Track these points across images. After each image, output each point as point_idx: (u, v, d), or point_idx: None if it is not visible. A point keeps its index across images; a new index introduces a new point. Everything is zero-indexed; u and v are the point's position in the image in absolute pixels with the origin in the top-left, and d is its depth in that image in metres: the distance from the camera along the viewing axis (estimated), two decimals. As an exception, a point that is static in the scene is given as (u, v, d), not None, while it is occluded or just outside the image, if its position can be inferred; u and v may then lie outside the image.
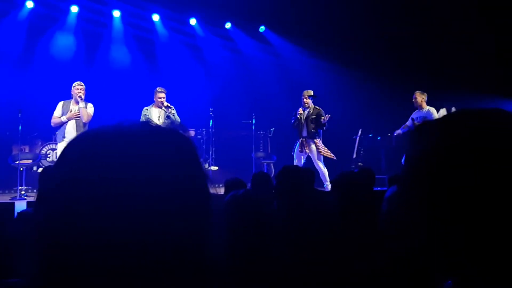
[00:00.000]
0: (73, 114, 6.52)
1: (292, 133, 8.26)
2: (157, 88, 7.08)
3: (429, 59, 9.70)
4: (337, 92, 9.70)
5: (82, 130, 6.44)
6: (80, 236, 0.52)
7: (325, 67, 9.94)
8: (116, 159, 0.55)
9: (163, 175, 0.55)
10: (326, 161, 7.63)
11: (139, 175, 0.54)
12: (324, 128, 7.54)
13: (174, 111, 6.94)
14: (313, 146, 7.51)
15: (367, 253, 1.94)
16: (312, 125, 7.49)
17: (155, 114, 6.98)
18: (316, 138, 7.52)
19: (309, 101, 7.62)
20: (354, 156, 9.32)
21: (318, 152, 7.45)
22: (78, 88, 6.59)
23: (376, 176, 4.77)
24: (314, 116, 7.51)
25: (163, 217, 0.54)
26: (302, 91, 7.89)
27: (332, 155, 7.53)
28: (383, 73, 9.75)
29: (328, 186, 6.99)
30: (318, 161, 7.48)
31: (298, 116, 7.62)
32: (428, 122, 0.69)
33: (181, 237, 0.56)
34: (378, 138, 9.61)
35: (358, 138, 9.40)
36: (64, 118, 6.54)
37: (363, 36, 9.85)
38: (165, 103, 6.94)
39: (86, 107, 6.59)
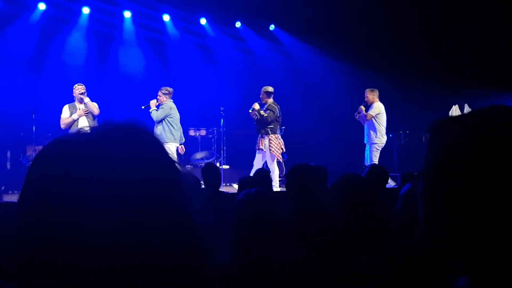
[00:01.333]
0: (82, 111, 6.79)
1: (304, 131, 8.24)
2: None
3: (439, 56, 9.60)
4: (348, 90, 9.64)
5: (93, 125, 6.56)
6: (54, 239, 0.54)
7: (335, 65, 9.89)
8: (79, 163, 0.56)
9: (125, 173, 0.56)
10: (337, 161, 7.53)
11: (101, 176, 0.55)
12: (270, 126, 7.29)
13: (152, 108, 7.13)
14: (266, 142, 7.38)
15: (378, 252, 1.93)
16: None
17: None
18: (269, 135, 7.33)
19: (266, 97, 7.47)
20: (366, 154, 9.25)
21: (269, 150, 7.32)
22: (78, 88, 6.87)
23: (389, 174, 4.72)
24: (266, 112, 7.34)
25: (129, 215, 0.55)
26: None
27: (280, 156, 7.31)
28: (394, 71, 9.67)
29: (276, 186, 6.84)
30: (268, 158, 7.32)
31: (250, 110, 7.49)
32: (451, 118, 0.68)
33: (152, 234, 0.56)
34: (390, 135, 9.54)
35: (370, 136, 9.32)
36: (75, 116, 6.80)
37: (374, 34, 9.78)
38: (153, 102, 7.14)
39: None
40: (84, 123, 6.75)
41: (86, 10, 9.34)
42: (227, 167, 9.00)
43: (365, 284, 1.77)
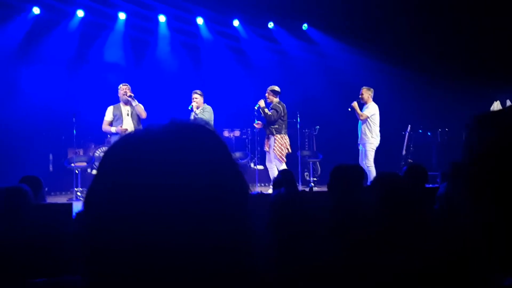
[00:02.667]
0: (121, 129, 6.62)
1: (338, 130, 8.15)
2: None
3: (479, 52, 9.30)
4: (384, 88, 9.48)
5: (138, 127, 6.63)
6: (119, 239, 0.54)
7: (370, 63, 9.75)
8: (146, 164, 0.56)
9: (193, 174, 0.56)
10: (375, 160, 7.42)
11: (169, 178, 0.55)
12: (274, 125, 7.17)
13: (198, 111, 7.07)
14: (271, 142, 7.27)
15: (417, 251, 1.90)
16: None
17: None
18: (275, 135, 7.21)
19: (272, 96, 7.37)
20: (404, 152, 9.09)
21: (274, 151, 7.19)
22: (123, 88, 6.77)
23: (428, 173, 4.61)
24: (270, 111, 7.22)
25: (199, 217, 0.55)
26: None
27: (283, 158, 7.17)
28: (432, 68, 9.45)
29: (270, 189, 6.66)
30: (274, 159, 7.20)
31: (255, 107, 7.41)
32: (491, 113, 0.66)
33: (219, 236, 0.56)
34: (429, 133, 9.33)
35: (407, 134, 9.16)
36: (113, 129, 6.71)
37: (410, 30, 9.59)
38: (194, 104, 7.11)
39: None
40: (129, 127, 6.64)
41: (122, 16, 9.58)
42: (261, 167, 9.02)
43: (404, 283, 1.74)
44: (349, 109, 7.39)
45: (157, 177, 0.55)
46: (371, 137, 7.29)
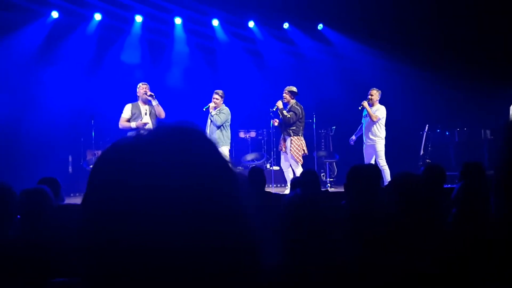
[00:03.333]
0: (141, 123, 6.67)
1: (354, 131, 8.11)
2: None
3: (497, 52, 9.15)
4: (401, 87, 9.40)
5: None
6: (111, 238, 0.56)
7: (386, 63, 9.68)
8: (136, 166, 0.58)
9: (181, 174, 0.57)
10: (392, 159, 7.37)
11: (159, 179, 0.56)
12: (292, 127, 7.14)
13: (214, 112, 7.09)
14: (288, 144, 7.23)
15: (435, 251, 1.88)
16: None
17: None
18: (292, 136, 7.18)
19: (289, 97, 7.34)
20: (421, 152, 8.99)
21: (290, 152, 7.16)
22: (142, 87, 6.81)
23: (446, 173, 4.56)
24: (288, 113, 7.19)
25: (190, 217, 0.56)
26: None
27: (300, 159, 7.14)
28: (449, 67, 9.33)
29: (287, 190, 6.62)
30: (291, 160, 7.17)
31: (273, 109, 7.38)
32: None
33: (211, 236, 0.56)
34: (447, 133, 9.21)
35: (425, 133, 9.06)
36: (133, 125, 6.70)
37: (426, 29, 9.49)
38: (211, 105, 7.12)
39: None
40: (147, 124, 6.67)
41: (139, 19, 9.69)
42: (277, 168, 9.02)
43: (421, 283, 1.73)
44: (359, 108, 7.39)
45: (146, 177, 0.57)
46: (380, 139, 7.31)
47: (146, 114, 6.78)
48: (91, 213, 0.59)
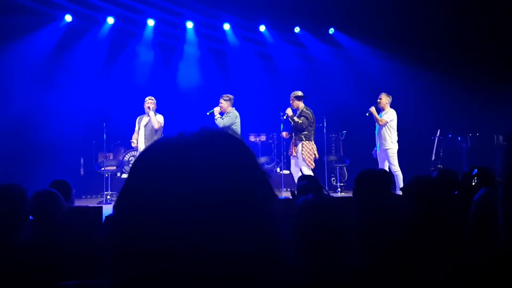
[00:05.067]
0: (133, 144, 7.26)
1: (366, 135, 8.07)
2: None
3: (510, 57, 9.05)
4: (413, 92, 9.34)
5: (153, 138, 6.86)
6: (147, 244, 0.55)
7: (398, 67, 9.62)
8: (177, 170, 0.57)
9: (222, 181, 0.57)
10: (404, 164, 7.31)
11: (199, 183, 0.56)
12: (304, 132, 7.11)
13: (217, 115, 7.15)
14: (299, 149, 7.19)
15: (451, 257, 1.85)
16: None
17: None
18: (303, 141, 7.15)
19: (297, 102, 7.31)
20: (433, 157, 8.91)
21: (302, 156, 7.12)
22: (147, 101, 7.16)
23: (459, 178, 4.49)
24: (300, 119, 7.17)
25: (226, 222, 0.56)
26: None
27: (312, 163, 7.10)
28: (461, 72, 9.25)
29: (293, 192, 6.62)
30: (302, 166, 7.13)
31: (284, 117, 7.35)
32: None
33: (245, 241, 0.56)
34: (459, 138, 9.13)
35: (436, 138, 8.98)
36: (133, 144, 7.32)
37: (439, 33, 9.43)
38: (216, 109, 7.21)
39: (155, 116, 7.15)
40: (141, 137, 7.12)
41: (151, 23, 9.76)
42: (287, 172, 9.00)
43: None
44: (367, 114, 7.35)
45: (187, 183, 0.56)
46: (391, 143, 7.26)
47: (144, 125, 7.17)
48: (126, 211, 0.59)
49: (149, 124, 7.13)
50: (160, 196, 0.56)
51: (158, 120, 7.11)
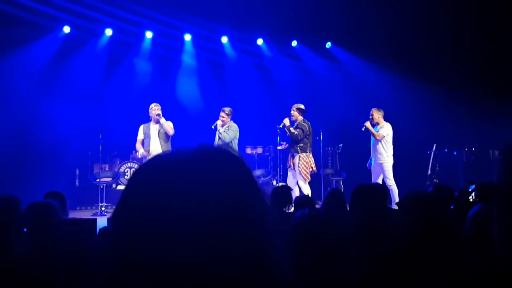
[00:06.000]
0: (145, 154, 6.92)
1: (362, 149, 8.08)
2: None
3: (505, 71, 9.13)
4: (409, 106, 9.39)
5: (165, 146, 6.81)
6: (143, 256, 0.55)
7: (394, 81, 9.69)
8: (175, 185, 0.58)
9: (219, 197, 0.58)
10: (399, 179, 7.32)
11: (196, 199, 0.57)
12: (300, 144, 7.14)
13: (222, 129, 7.12)
14: (296, 161, 7.21)
15: (447, 272, 1.85)
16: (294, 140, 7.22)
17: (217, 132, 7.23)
18: (300, 153, 7.17)
19: (297, 114, 7.36)
20: (429, 172, 8.93)
21: (299, 168, 7.13)
22: (154, 108, 6.99)
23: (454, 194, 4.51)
24: (296, 130, 7.20)
25: (222, 237, 0.56)
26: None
27: (308, 177, 7.11)
28: (458, 86, 9.32)
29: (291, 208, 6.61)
30: (298, 179, 7.14)
31: (280, 126, 7.38)
32: None
33: (240, 256, 0.57)
34: (455, 153, 9.16)
35: (432, 153, 9.01)
36: (139, 155, 7.06)
37: (435, 48, 9.51)
38: (219, 123, 7.16)
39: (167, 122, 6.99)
40: (156, 145, 6.86)
41: (149, 35, 9.81)
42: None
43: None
44: (363, 129, 7.38)
45: (184, 198, 0.57)
46: (386, 157, 7.28)
47: (156, 133, 6.96)
48: (122, 225, 0.59)
49: (161, 131, 6.95)
50: (157, 210, 0.57)
51: (170, 125, 6.98)
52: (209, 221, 0.56)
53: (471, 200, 3.83)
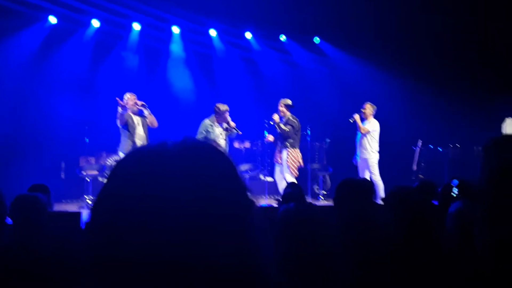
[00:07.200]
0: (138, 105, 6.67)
1: (349, 144, 8.14)
2: (221, 105, 7.12)
3: (490, 68, 9.25)
4: (395, 102, 9.46)
5: (147, 138, 6.66)
6: (124, 250, 0.56)
7: (382, 76, 9.75)
8: (158, 178, 0.58)
9: (202, 191, 0.58)
10: (385, 174, 7.39)
11: (179, 193, 0.57)
12: (289, 140, 7.18)
13: (239, 133, 7.13)
14: (284, 156, 7.26)
15: (429, 270, 1.88)
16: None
17: (218, 131, 7.06)
18: (288, 148, 7.21)
19: (285, 110, 7.37)
20: (414, 168, 9.03)
21: (287, 163, 7.18)
22: (131, 98, 6.75)
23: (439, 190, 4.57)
24: (286, 126, 7.23)
25: (204, 232, 0.56)
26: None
27: (296, 172, 7.16)
28: (443, 82, 9.42)
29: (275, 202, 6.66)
30: (285, 173, 7.20)
31: (271, 123, 7.40)
32: (507, 137, 0.67)
33: (222, 251, 0.57)
34: (440, 149, 9.26)
35: (418, 149, 9.11)
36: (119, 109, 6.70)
37: (422, 43, 9.58)
38: (232, 124, 7.06)
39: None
40: (141, 136, 6.67)
41: (137, 26, 9.71)
42: (271, 179, 9.01)
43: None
44: (351, 120, 7.44)
45: (166, 191, 0.57)
46: (371, 152, 7.35)
47: (139, 124, 6.75)
48: (103, 218, 0.59)
49: (144, 123, 6.73)
50: (138, 202, 0.57)
51: (155, 118, 6.77)
52: (191, 215, 0.56)
53: (454, 195, 3.89)
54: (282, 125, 7.26)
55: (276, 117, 7.38)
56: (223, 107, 7.10)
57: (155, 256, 0.55)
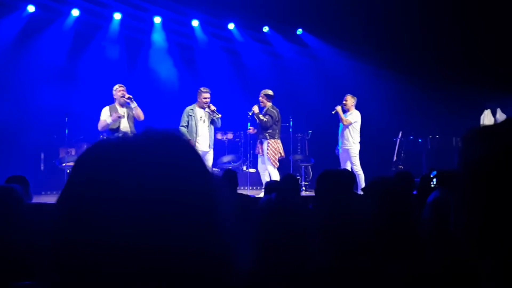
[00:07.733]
0: (115, 116, 6.58)
1: (331, 135, 8.19)
2: (202, 88, 7.14)
3: (470, 59, 9.39)
4: (376, 93, 9.55)
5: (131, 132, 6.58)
6: (87, 239, 0.56)
7: (363, 68, 9.82)
8: (119, 169, 0.58)
9: (165, 180, 0.58)
10: (366, 165, 7.47)
11: (140, 182, 0.57)
12: (268, 130, 7.20)
13: (219, 116, 7.04)
14: (264, 147, 7.29)
15: (405, 259, 1.92)
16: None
17: (199, 115, 7.06)
18: (269, 139, 7.24)
19: (265, 100, 7.39)
20: (395, 158, 9.15)
21: (267, 155, 7.22)
22: (120, 90, 6.71)
23: (417, 180, 4.66)
24: (265, 117, 7.25)
25: (167, 221, 0.57)
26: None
27: (276, 162, 7.20)
28: (424, 74, 9.53)
29: (261, 193, 6.66)
30: (267, 164, 7.25)
31: (250, 113, 7.42)
32: (486, 128, 0.68)
33: (186, 240, 0.57)
34: (419, 140, 9.40)
35: (398, 140, 9.23)
36: (108, 120, 6.63)
37: (403, 35, 9.67)
38: (212, 107, 7.03)
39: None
40: (125, 128, 6.60)
41: (117, 16, 9.57)
42: (253, 170, 9.04)
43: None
44: (333, 112, 7.50)
45: (128, 182, 0.57)
46: (353, 143, 7.43)
47: (124, 117, 6.69)
48: (68, 211, 0.59)
49: (130, 114, 6.67)
50: (101, 194, 0.57)
51: (141, 111, 6.71)
52: (153, 204, 0.56)
53: (432, 186, 3.97)
54: (261, 116, 7.27)
55: (255, 108, 7.39)
56: (203, 89, 7.12)
57: (116, 247, 0.55)
